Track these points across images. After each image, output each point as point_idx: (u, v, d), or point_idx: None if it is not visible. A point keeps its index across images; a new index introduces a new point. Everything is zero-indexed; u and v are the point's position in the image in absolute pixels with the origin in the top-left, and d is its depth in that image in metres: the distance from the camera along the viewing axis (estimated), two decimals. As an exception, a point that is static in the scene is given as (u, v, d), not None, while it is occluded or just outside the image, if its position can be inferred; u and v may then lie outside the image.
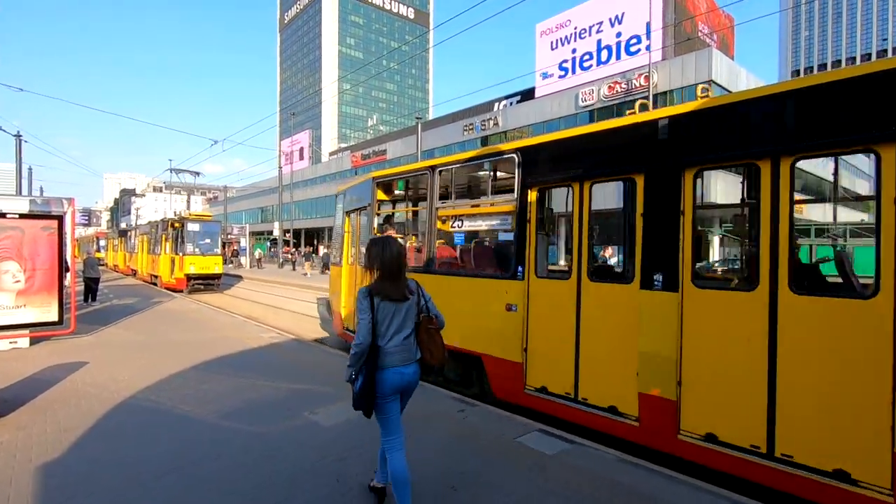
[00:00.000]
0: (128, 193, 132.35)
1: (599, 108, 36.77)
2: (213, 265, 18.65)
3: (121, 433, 4.23)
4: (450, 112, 58.01)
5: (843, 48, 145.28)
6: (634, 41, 36.73)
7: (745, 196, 4.55)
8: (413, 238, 7.91)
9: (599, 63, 43.75)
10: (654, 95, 31.71)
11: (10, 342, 7.53)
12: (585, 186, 4.50)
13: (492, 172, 6.52)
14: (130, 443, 4.02)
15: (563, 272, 5.16)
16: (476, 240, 6.97)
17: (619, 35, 41.72)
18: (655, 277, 3.83)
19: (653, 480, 3.46)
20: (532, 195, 4.88)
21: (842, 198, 6.45)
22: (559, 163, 4.77)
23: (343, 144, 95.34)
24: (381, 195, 7.33)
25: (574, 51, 46.09)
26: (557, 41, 48.51)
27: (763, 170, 3.28)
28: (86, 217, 69.54)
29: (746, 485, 3.38)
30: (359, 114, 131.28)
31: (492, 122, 44.63)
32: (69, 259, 10.42)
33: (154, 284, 20.66)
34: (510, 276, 4.98)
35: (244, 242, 41.85)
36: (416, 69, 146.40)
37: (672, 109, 3.97)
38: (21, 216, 7.44)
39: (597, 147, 4.45)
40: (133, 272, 26.69)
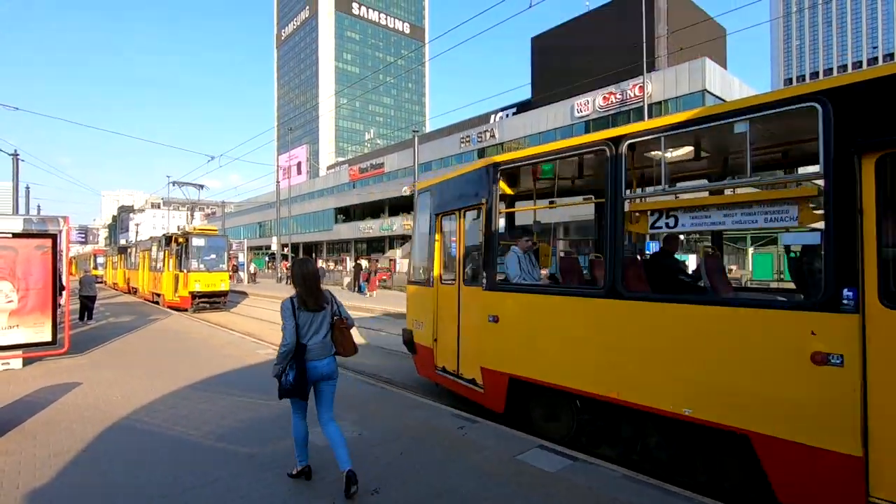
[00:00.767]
0: (126, 210, 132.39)
1: (595, 119, 37.04)
2: (220, 282, 17.53)
3: (112, 457, 4.13)
4: (446, 125, 58.48)
5: (835, 56, 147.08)
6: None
7: None
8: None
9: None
10: (649, 105, 31.99)
11: (3, 363, 7.42)
12: None
13: (753, 133, 3.43)
14: (121, 468, 3.91)
15: None
16: (707, 247, 5.37)
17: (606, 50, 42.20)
18: None
19: (659, 499, 3.37)
20: (869, 166, 2.75)
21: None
22: None
23: (341, 158, 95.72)
24: (506, 188, 5.46)
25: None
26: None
27: None
28: (82, 235, 69.45)
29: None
30: (356, 128, 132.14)
31: (488, 134, 44.95)
32: (65, 278, 10.34)
33: (156, 303, 19.57)
34: (820, 305, 2.88)
35: (242, 257, 41.76)
36: (413, 83, 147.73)
37: None
38: (14, 235, 7.38)
39: None
40: (133, 290, 25.51)
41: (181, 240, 17.39)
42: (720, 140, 4.36)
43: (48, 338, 7.54)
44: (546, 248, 6.16)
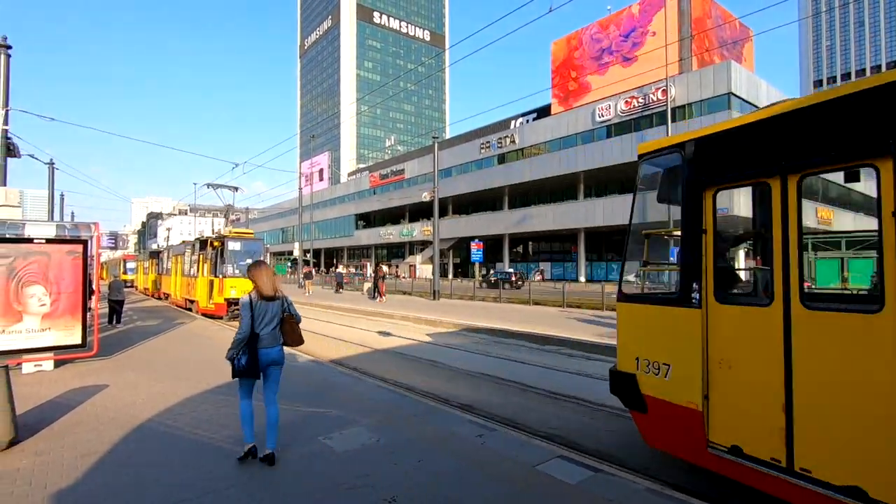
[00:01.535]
0: (154, 217, 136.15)
1: (616, 124, 36.61)
2: None
3: (137, 459, 4.20)
4: (467, 131, 58.59)
5: (867, 57, 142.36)
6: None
7: None
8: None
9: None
10: (673, 109, 31.45)
11: (35, 365, 7.66)
12: None
13: None
14: (146, 470, 3.97)
15: None
16: None
17: (629, 55, 41.75)
18: None
19: (683, 513, 3.25)
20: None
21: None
22: None
23: (362, 165, 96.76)
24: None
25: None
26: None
27: None
28: (113, 241, 71.78)
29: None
30: (377, 135, 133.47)
31: (508, 140, 44.82)
32: (95, 282, 10.66)
33: (189, 310, 18.70)
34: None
35: (265, 263, 42.33)
36: (433, 90, 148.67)
37: None
38: (47, 241, 7.63)
39: None
40: (165, 296, 24.74)
41: (216, 243, 16.40)
42: None
43: (78, 340, 7.75)
44: None
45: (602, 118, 37.25)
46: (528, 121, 48.91)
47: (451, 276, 52.66)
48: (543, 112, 48.81)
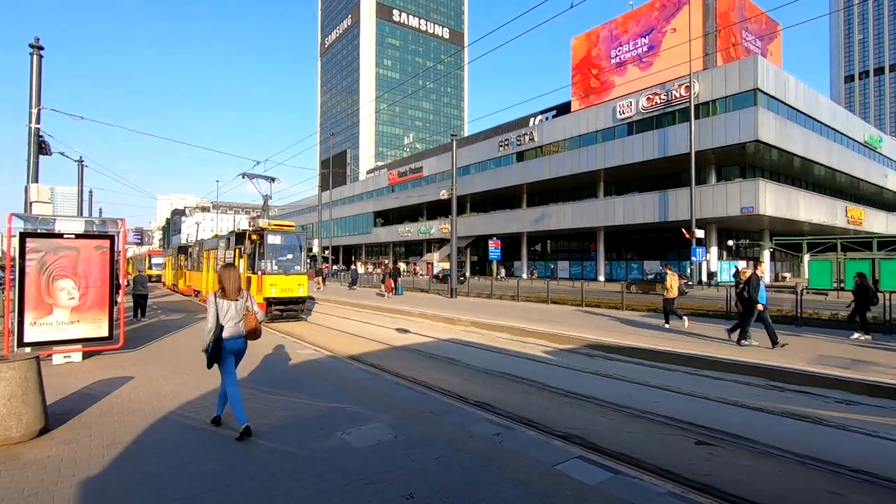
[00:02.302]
0: (178, 213, 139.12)
1: (638, 121, 36.02)
2: (298, 286, 14.89)
3: (161, 450, 4.29)
4: (485, 129, 58.38)
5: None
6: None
7: None
8: None
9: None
10: (696, 106, 30.81)
11: (65, 356, 7.89)
12: None
13: None
14: (169, 460, 4.05)
15: None
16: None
17: (652, 48, 41.00)
18: None
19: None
20: None
21: None
22: None
23: (380, 163, 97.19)
24: None
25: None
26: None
27: None
28: (138, 236, 73.48)
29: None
30: (395, 132, 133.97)
31: (527, 138, 44.48)
32: (121, 277, 10.94)
33: None
34: None
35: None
36: (452, 87, 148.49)
37: None
38: (76, 236, 7.84)
39: None
40: (195, 293, 23.28)
41: (254, 237, 14.78)
42: None
43: (105, 333, 7.96)
44: None
45: (623, 115, 36.68)
46: (548, 118, 48.46)
47: (469, 274, 52.63)
48: (563, 109, 48.31)
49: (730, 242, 36.50)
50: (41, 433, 4.59)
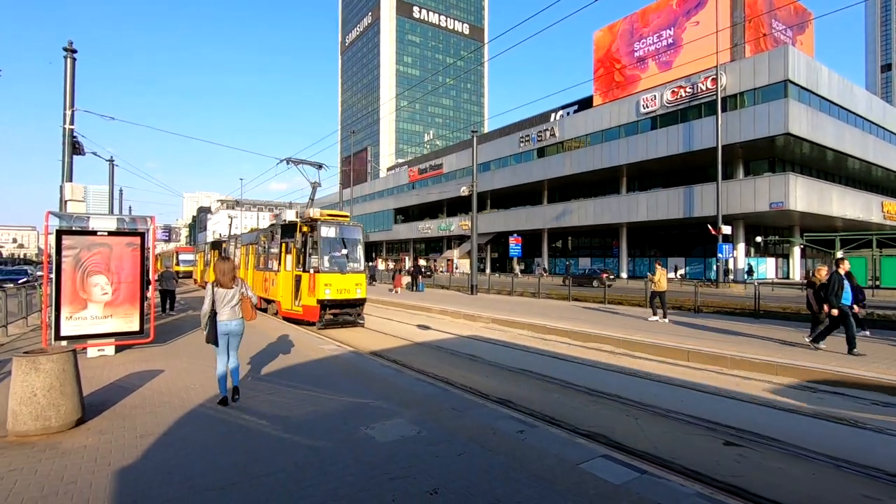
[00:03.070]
0: (204, 211, 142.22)
1: (662, 115, 35.30)
2: (355, 287, 12.84)
3: (190, 441, 4.40)
4: (505, 125, 57.98)
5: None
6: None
7: None
8: None
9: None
10: (724, 99, 30.01)
11: (99, 350, 8.16)
12: None
13: None
14: (198, 451, 4.16)
15: None
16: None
17: (672, 46, 40.07)
18: None
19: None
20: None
21: None
22: None
23: (400, 160, 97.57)
24: None
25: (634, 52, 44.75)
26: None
27: None
28: (166, 233, 75.40)
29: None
30: (415, 129, 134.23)
31: (548, 133, 44.04)
32: (151, 273, 11.25)
33: (263, 311, 15.07)
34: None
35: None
36: (472, 83, 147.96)
37: None
38: (109, 233, 8.09)
39: None
40: None
41: (305, 228, 12.80)
42: None
43: (136, 328, 8.20)
44: None
45: (647, 109, 35.98)
46: (569, 113, 47.88)
47: (489, 271, 52.45)
48: (585, 104, 47.64)
49: (758, 239, 35.55)
50: (78, 423, 4.76)
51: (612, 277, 34.62)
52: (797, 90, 29.51)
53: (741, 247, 34.44)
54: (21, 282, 17.18)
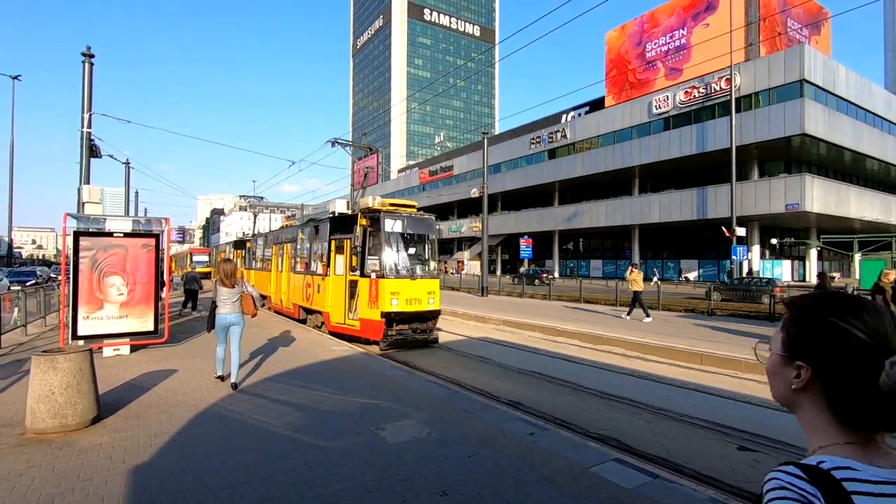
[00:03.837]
0: (217, 213, 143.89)
1: (675, 116, 34.96)
2: (427, 296, 10.29)
3: (203, 440, 4.45)
4: (516, 126, 57.88)
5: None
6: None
7: None
8: None
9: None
10: (738, 99, 29.63)
11: (114, 349, 8.29)
12: None
13: None
14: (211, 450, 4.20)
15: None
16: None
17: (681, 50, 39.69)
18: None
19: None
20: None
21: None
22: None
23: (411, 162, 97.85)
24: None
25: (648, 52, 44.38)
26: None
27: None
28: (180, 235, 76.43)
29: None
30: (426, 131, 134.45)
31: (559, 134, 43.85)
32: (166, 274, 11.40)
33: (302, 321, 12.96)
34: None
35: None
36: (483, 85, 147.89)
37: None
38: (125, 235, 8.23)
39: None
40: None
41: (364, 222, 10.32)
42: None
43: (151, 328, 8.32)
44: None
45: (659, 110, 35.65)
46: (580, 114, 47.63)
47: (500, 273, 52.32)
48: (597, 105, 47.34)
49: (773, 241, 35.00)
50: (94, 421, 4.84)
51: (552, 278, 35.30)
52: (813, 90, 29.04)
53: (756, 249, 33.93)
54: (29, 284, 17.29)
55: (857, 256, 30.34)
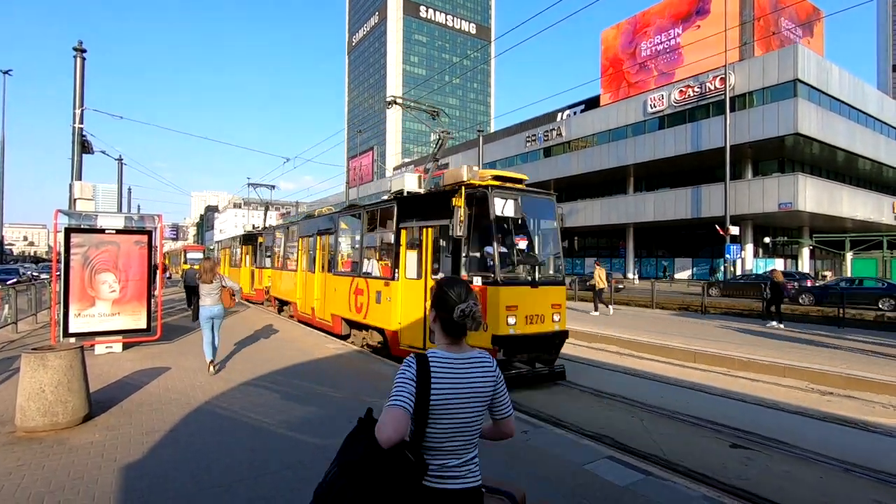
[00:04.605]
0: (212, 210, 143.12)
1: (670, 114, 35.07)
2: (552, 310, 7.23)
3: (196, 439, 4.42)
4: (512, 124, 57.87)
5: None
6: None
7: None
8: None
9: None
10: (732, 98, 29.76)
11: (107, 347, 8.22)
12: None
13: None
14: (204, 449, 4.18)
15: None
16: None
17: (674, 53, 39.79)
18: None
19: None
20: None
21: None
22: None
23: (406, 159, 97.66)
24: None
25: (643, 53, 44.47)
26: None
27: None
28: (174, 232, 75.94)
29: None
30: (422, 129, 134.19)
31: (555, 133, 43.89)
32: (159, 272, 11.31)
33: (344, 337, 10.17)
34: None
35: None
36: (478, 83, 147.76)
37: None
38: (117, 231, 8.15)
39: None
40: (277, 302, 15.42)
41: (458, 202, 6.77)
42: None
43: (144, 325, 8.26)
44: None
45: (654, 109, 35.76)
46: (576, 112, 47.68)
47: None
48: (592, 104, 47.42)
49: (766, 240, 35.24)
50: (85, 419, 4.80)
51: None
52: (807, 89, 29.22)
53: (749, 248, 34.15)
54: (10, 282, 16.79)
55: (849, 255, 30.58)
